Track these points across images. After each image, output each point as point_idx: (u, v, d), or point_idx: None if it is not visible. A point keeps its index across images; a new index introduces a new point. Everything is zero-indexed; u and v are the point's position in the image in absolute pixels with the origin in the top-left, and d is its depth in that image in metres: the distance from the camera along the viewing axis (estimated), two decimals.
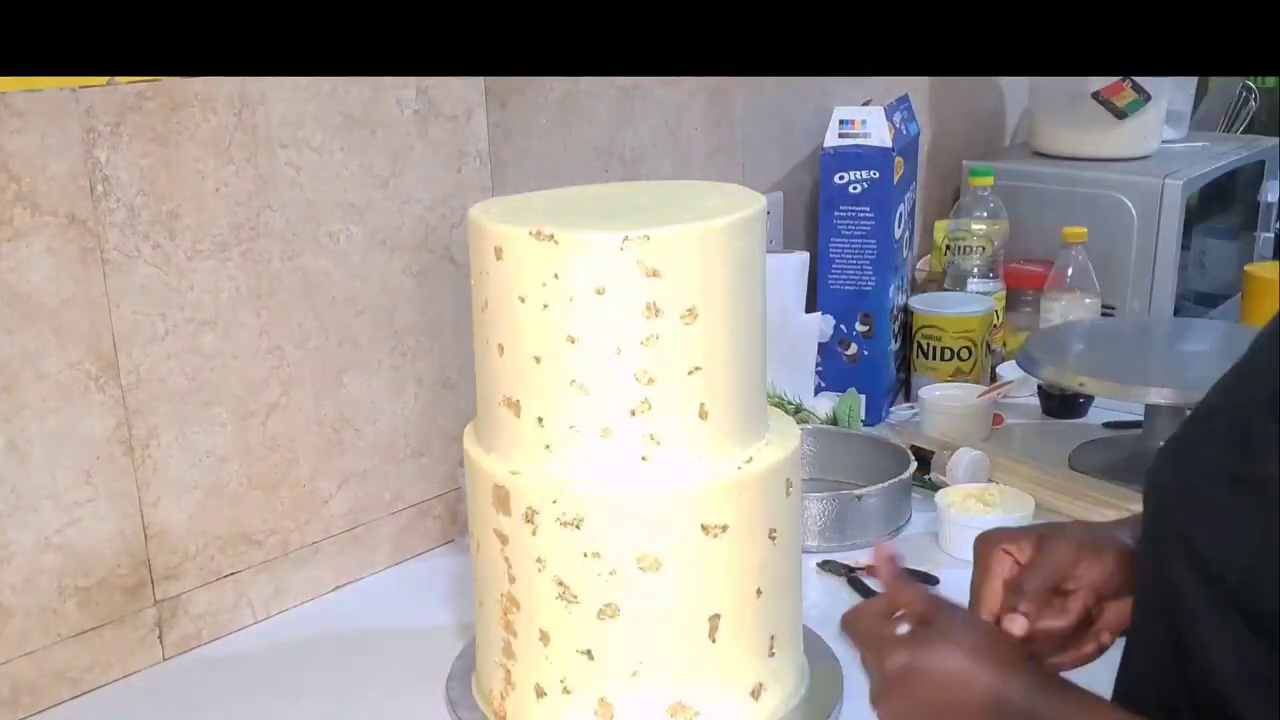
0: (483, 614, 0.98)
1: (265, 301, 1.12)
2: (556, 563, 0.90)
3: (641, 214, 0.92)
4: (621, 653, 0.91)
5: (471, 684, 1.03)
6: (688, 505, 0.90)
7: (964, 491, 1.30)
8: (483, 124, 1.27)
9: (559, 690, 0.93)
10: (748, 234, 0.91)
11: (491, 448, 0.94)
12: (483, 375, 0.95)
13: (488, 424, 0.95)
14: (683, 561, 0.90)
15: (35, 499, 0.99)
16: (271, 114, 1.09)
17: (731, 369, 0.91)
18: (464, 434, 0.99)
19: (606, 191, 1.10)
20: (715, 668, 0.93)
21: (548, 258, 0.87)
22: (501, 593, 0.94)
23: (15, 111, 0.93)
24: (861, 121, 1.57)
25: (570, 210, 0.97)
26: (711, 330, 0.89)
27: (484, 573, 0.97)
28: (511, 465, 0.92)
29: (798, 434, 0.99)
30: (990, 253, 1.77)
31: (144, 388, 1.05)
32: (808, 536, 1.28)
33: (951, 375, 1.65)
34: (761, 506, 0.93)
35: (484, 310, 0.92)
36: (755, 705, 0.96)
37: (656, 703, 0.92)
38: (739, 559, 0.92)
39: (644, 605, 0.90)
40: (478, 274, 0.92)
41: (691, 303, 0.88)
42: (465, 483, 1.00)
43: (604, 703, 0.92)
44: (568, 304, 0.87)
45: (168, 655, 1.10)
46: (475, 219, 0.92)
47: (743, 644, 0.94)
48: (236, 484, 1.13)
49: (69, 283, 0.98)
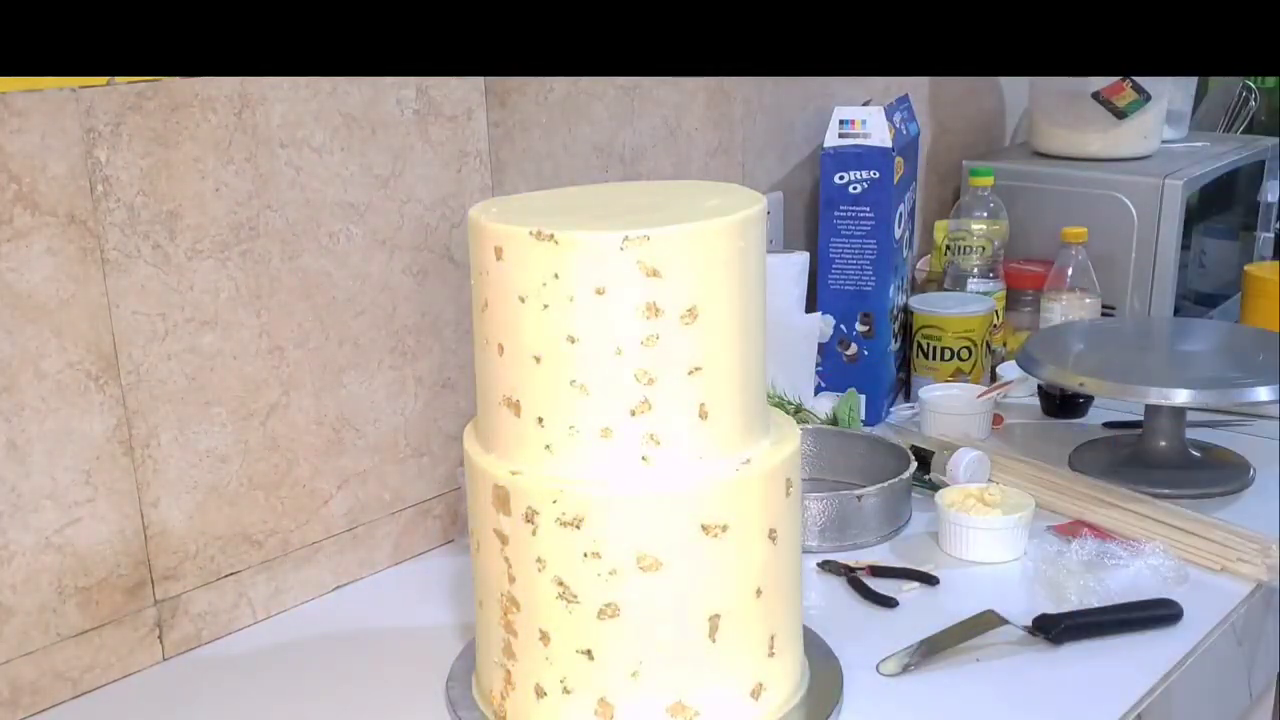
0: (483, 614, 0.98)
1: (265, 301, 1.12)
2: (556, 563, 0.90)
3: (641, 214, 0.92)
4: (621, 653, 0.91)
5: (472, 684, 1.03)
6: (688, 505, 0.90)
7: (964, 491, 1.30)
8: (483, 124, 1.27)
9: (559, 690, 0.92)
10: (748, 234, 0.91)
11: (491, 448, 0.94)
12: (483, 375, 0.95)
13: (488, 424, 0.95)
14: (683, 561, 0.90)
15: (35, 499, 0.99)
16: (271, 114, 1.09)
17: (731, 369, 0.91)
18: (464, 434, 0.99)
19: (605, 191, 1.10)
20: (715, 667, 0.93)
21: (548, 258, 0.86)
22: (501, 593, 0.94)
23: (15, 111, 0.93)
24: (861, 121, 1.57)
25: (570, 210, 0.97)
26: (711, 330, 0.89)
27: (484, 573, 0.97)
28: (512, 465, 0.92)
29: (797, 434, 0.99)
30: (990, 253, 1.77)
31: (144, 388, 1.05)
32: (808, 536, 1.28)
33: (951, 375, 1.65)
34: (761, 506, 0.93)
35: (484, 310, 0.92)
36: (755, 705, 0.96)
37: (656, 702, 0.92)
38: (739, 559, 0.92)
39: (644, 605, 0.90)
40: (477, 274, 0.92)
41: (691, 303, 0.88)
42: (465, 483, 1.00)
43: (604, 703, 0.92)
44: (568, 304, 0.87)
45: (168, 655, 1.11)
46: (475, 219, 0.92)
47: (743, 644, 0.94)
48: (236, 484, 1.13)
49: (69, 283, 0.98)
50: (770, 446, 0.96)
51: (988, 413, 1.57)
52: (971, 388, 1.60)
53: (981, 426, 1.56)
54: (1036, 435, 1.59)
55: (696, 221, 0.88)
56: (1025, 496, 1.29)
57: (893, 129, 1.57)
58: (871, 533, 1.30)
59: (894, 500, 1.32)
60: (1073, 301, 1.72)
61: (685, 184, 1.16)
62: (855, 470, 1.42)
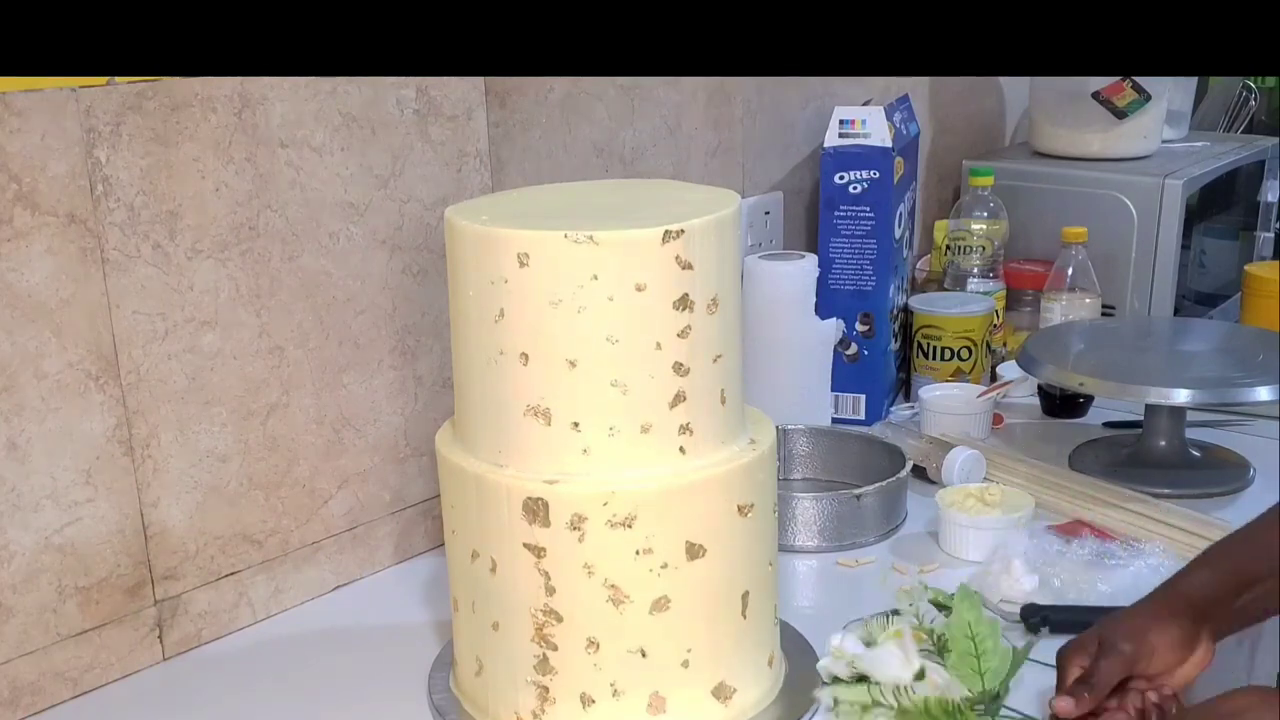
0: (497, 637, 0.95)
1: (265, 301, 1.12)
2: (607, 565, 0.90)
3: (614, 214, 0.93)
4: (673, 644, 0.93)
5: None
6: (724, 489, 0.93)
7: (964, 491, 1.30)
8: (483, 124, 1.27)
9: (609, 694, 0.92)
10: (740, 224, 0.97)
11: (507, 461, 0.92)
12: (497, 388, 0.92)
13: (502, 438, 0.92)
14: (722, 544, 0.93)
15: (35, 499, 0.99)
16: (271, 114, 1.09)
17: (739, 353, 0.96)
18: (452, 457, 0.96)
19: (557, 192, 1.08)
20: (747, 643, 0.97)
21: (585, 259, 0.86)
22: (534, 609, 0.91)
23: (15, 111, 0.93)
24: (861, 121, 1.57)
25: (529, 213, 0.95)
26: (728, 317, 0.93)
27: (505, 593, 0.93)
28: (544, 475, 0.90)
29: (766, 416, 1.03)
30: (990, 253, 1.77)
31: (144, 388, 1.05)
32: (807, 536, 1.28)
33: (951, 375, 1.65)
34: (771, 481, 0.98)
35: (499, 320, 0.90)
36: (771, 672, 1.00)
37: (703, 687, 0.95)
38: (761, 535, 0.97)
39: (691, 593, 0.92)
40: (485, 283, 0.90)
41: (714, 292, 0.91)
42: (456, 508, 0.97)
43: (656, 696, 0.93)
44: (607, 304, 0.87)
45: (168, 655, 1.11)
46: (487, 231, 0.89)
47: (764, 616, 0.99)
48: (236, 484, 1.13)
49: (69, 283, 0.98)
50: (758, 425, 1.00)
51: (988, 412, 1.57)
52: (971, 388, 1.60)
53: (981, 426, 1.56)
54: (1036, 435, 1.59)
55: (717, 213, 0.91)
56: (1025, 496, 1.29)
57: (893, 129, 1.57)
58: (870, 532, 1.30)
59: (892, 499, 1.32)
60: (1073, 301, 1.72)
61: (643, 182, 1.16)
62: (853, 470, 1.43)
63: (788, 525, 1.28)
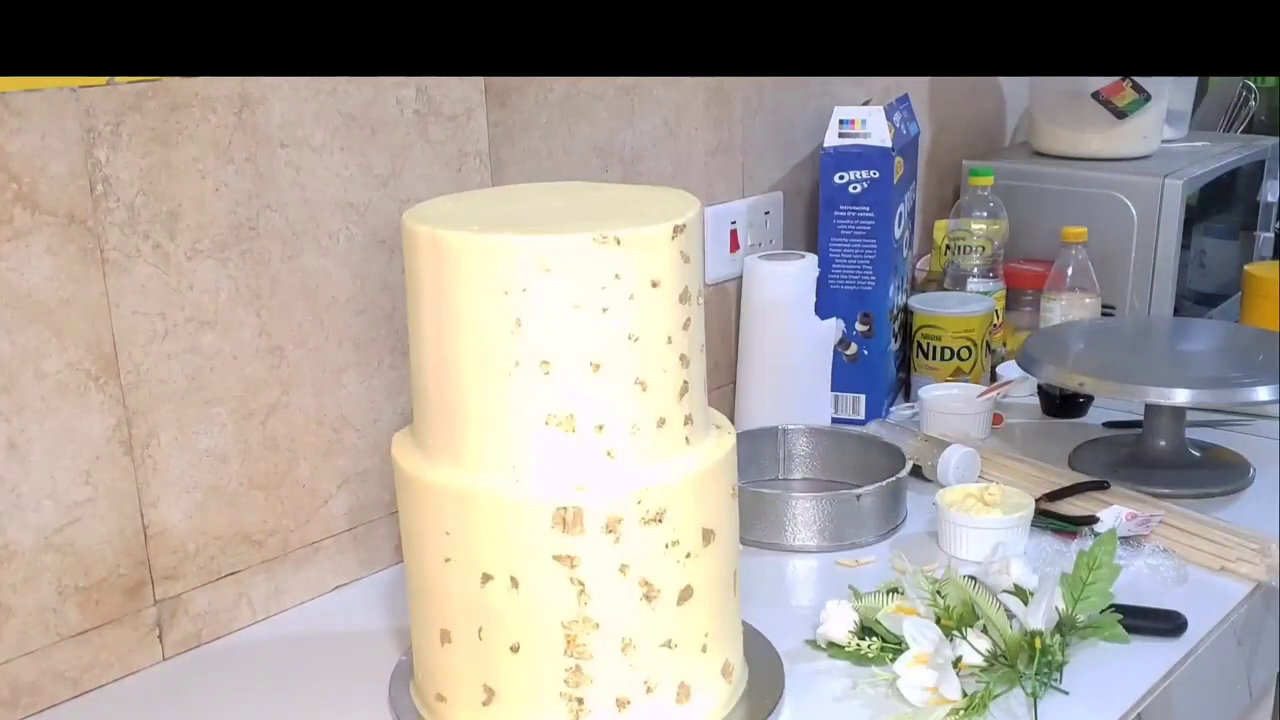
0: (517, 659, 0.91)
1: (265, 301, 1.12)
2: (640, 563, 0.90)
3: (561, 218, 0.92)
4: (695, 631, 0.94)
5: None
6: (725, 473, 0.96)
7: (964, 491, 1.30)
8: (483, 124, 1.27)
9: (642, 692, 0.92)
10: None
11: (524, 476, 0.89)
12: (513, 400, 0.89)
13: (517, 452, 0.90)
14: (725, 527, 0.96)
15: (35, 499, 0.99)
16: (271, 114, 1.09)
17: (705, 340, 0.98)
18: (449, 479, 0.92)
19: (505, 195, 1.05)
20: (737, 618, 1.01)
21: (608, 259, 0.86)
22: (568, 621, 0.90)
23: (15, 111, 0.93)
24: (861, 121, 1.57)
25: (486, 218, 0.93)
26: (701, 309, 0.96)
27: (529, 611, 0.90)
28: (570, 483, 0.89)
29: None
30: (990, 252, 1.77)
31: (144, 388, 1.05)
32: (807, 536, 1.28)
33: (951, 375, 1.65)
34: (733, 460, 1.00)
35: (514, 331, 0.87)
36: (740, 645, 1.03)
37: (715, 669, 0.97)
38: (737, 513, 1.00)
39: (707, 577, 0.94)
40: (498, 294, 0.87)
41: (700, 284, 0.94)
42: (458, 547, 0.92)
43: (682, 686, 0.94)
44: (628, 302, 0.87)
45: (168, 655, 1.11)
46: (501, 240, 0.87)
47: (739, 591, 1.01)
48: (236, 484, 1.13)
49: (69, 283, 0.98)
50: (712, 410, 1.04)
51: (988, 412, 1.57)
52: (971, 387, 1.60)
53: (981, 426, 1.56)
54: (1036, 435, 1.59)
55: (706, 209, 0.95)
56: (1025, 496, 1.29)
57: (893, 129, 1.57)
58: (870, 532, 1.30)
59: (892, 499, 1.32)
60: (1073, 301, 1.72)
61: (572, 185, 1.10)
62: (852, 470, 1.43)
63: (788, 525, 1.28)
